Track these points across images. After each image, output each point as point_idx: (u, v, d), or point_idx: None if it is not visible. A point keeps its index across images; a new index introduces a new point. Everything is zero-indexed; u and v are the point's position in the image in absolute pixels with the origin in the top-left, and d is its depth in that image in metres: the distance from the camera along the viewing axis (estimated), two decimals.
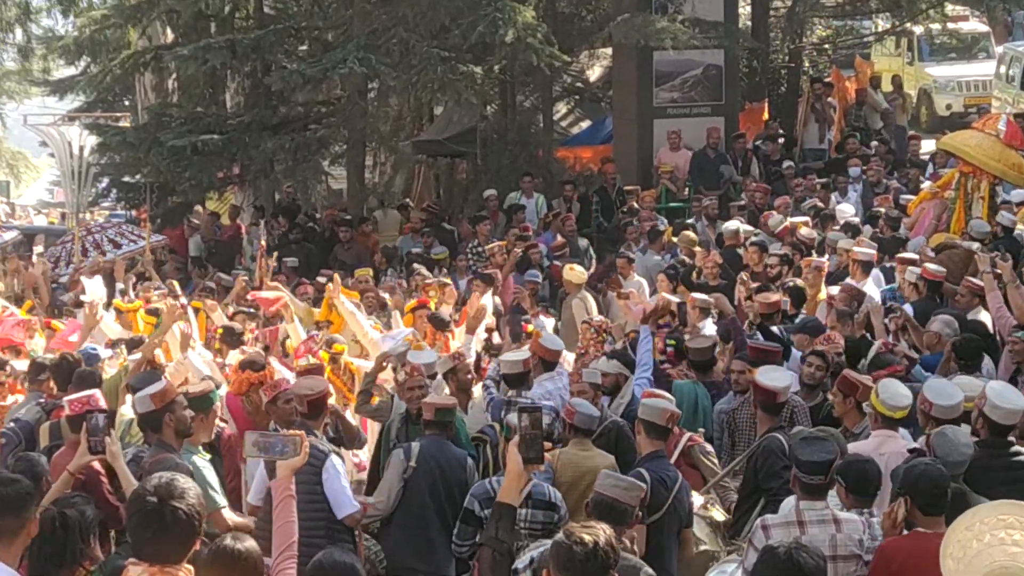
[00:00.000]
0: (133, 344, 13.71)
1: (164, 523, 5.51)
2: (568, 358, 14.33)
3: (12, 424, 10.90)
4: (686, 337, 14.54)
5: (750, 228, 20.34)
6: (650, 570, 7.55)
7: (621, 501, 8.06)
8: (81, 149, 31.67)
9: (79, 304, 17.13)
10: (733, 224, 20.42)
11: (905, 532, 7.80)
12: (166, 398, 9.27)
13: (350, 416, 12.44)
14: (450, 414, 10.83)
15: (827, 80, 28.97)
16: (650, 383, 12.25)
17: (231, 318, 16.01)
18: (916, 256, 16.70)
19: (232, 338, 14.48)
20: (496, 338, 16.12)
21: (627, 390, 12.30)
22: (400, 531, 10.35)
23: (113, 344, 14.34)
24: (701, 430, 11.89)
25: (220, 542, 6.25)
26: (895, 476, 8.29)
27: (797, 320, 15.06)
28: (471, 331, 14.81)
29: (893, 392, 9.99)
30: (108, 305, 17.07)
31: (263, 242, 22.08)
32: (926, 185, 21.26)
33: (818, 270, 16.70)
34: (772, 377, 11.02)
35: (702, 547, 9.91)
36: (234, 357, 13.38)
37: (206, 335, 15.96)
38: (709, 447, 11.52)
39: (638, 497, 8.27)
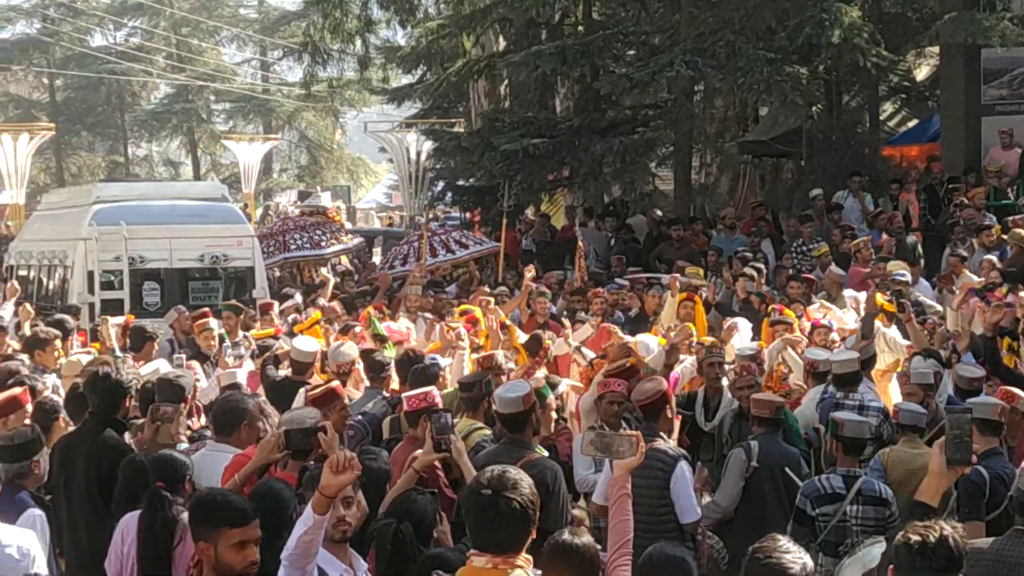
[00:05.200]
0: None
1: (499, 514, 5.63)
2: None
3: (360, 417, 11.07)
4: None
5: None
6: None
7: None
8: (418, 154, 33.15)
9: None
10: None
11: None
12: (531, 400, 9.27)
13: None
14: (783, 411, 10.85)
15: None
16: None
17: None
18: None
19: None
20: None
21: (943, 388, 12.00)
22: (741, 530, 10.04)
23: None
24: None
25: (558, 536, 6.50)
26: None
27: None
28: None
29: None
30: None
31: (580, 243, 22.59)
32: None
33: None
34: None
35: None
36: None
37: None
38: None
39: None
